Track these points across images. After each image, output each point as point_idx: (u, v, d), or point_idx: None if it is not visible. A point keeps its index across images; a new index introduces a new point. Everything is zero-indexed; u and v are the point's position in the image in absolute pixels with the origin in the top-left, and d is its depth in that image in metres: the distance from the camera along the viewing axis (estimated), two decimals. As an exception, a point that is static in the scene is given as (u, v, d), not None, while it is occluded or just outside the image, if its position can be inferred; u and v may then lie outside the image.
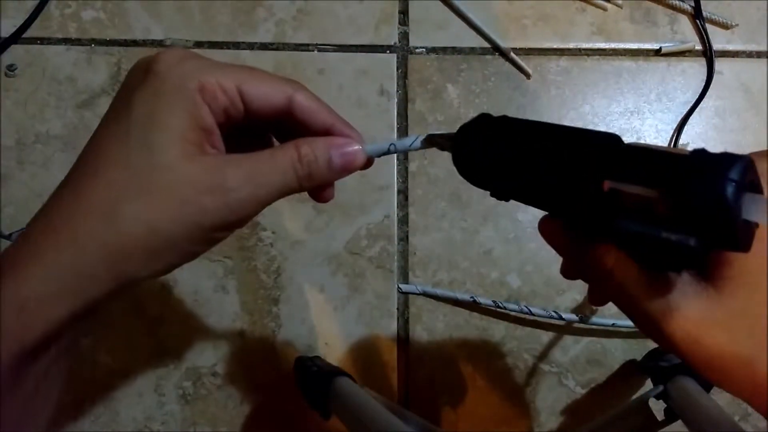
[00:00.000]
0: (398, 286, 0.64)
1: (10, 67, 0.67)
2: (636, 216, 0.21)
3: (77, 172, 0.27)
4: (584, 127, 0.24)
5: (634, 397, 0.64)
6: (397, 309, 0.65)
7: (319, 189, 0.32)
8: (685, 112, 0.68)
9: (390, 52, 0.68)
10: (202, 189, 0.25)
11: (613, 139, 0.23)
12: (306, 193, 0.31)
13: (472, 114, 0.67)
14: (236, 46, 0.69)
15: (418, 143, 0.30)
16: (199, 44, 0.69)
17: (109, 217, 0.25)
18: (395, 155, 0.66)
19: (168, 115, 0.25)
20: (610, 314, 0.64)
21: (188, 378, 0.64)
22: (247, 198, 0.26)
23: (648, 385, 0.64)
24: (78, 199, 0.26)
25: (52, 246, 0.25)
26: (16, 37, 0.68)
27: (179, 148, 0.25)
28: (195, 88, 0.25)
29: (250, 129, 0.29)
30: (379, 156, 0.31)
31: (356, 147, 0.29)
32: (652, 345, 0.65)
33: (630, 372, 0.65)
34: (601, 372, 0.65)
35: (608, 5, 0.69)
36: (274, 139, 0.33)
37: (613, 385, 0.65)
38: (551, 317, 0.64)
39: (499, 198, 0.27)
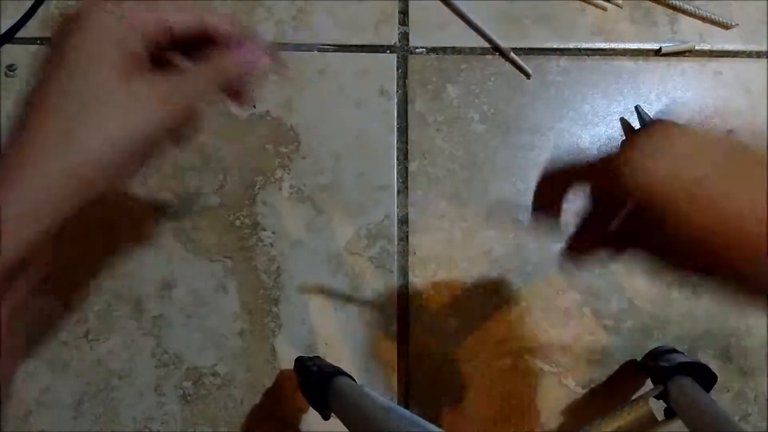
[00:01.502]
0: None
1: (11, 68, 0.67)
2: None
3: (29, 117, 0.32)
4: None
5: (634, 397, 0.64)
6: (398, 309, 0.65)
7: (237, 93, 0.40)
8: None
9: (390, 52, 0.68)
10: (143, 100, 0.30)
11: None
12: (306, 191, 0.38)
13: (472, 114, 0.68)
14: (236, 46, 0.69)
15: None
16: (199, 44, 0.69)
17: (67, 138, 0.29)
18: (396, 159, 0.66)
19: (99, 48, 0.30)
20: (610, 314, 0.64)
21: (188, 378, 0.64)
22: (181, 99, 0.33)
23: (648, 384, 0.64)
24: (35, 133, 0.30)
25: (19, 174, 0.29)
26: (10, 36, 0.67)
27: (117, 73, 0.30)
28: (123, 23, 0.31)
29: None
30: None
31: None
32: (651, 345, 0.65)
33: (630, 372, 0.65)
34: (602, 372, 0.65)
35: (608, 5, 0.69)
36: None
37: (612, 385, 0.65)
38: None
39: None
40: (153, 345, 0.64)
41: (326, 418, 0.55)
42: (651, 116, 0.66)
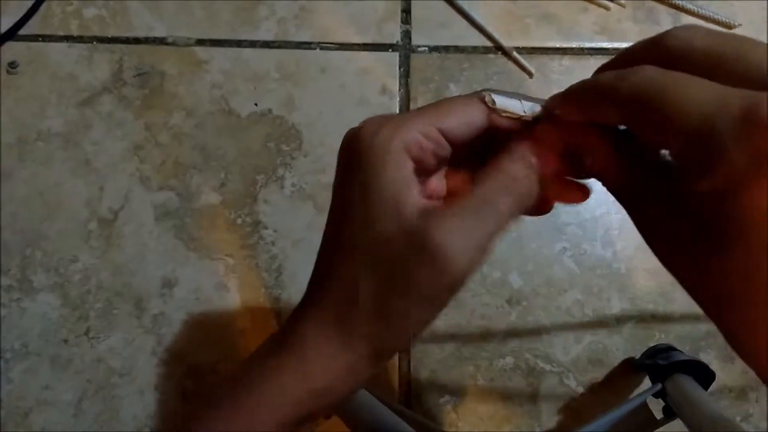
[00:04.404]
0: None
1: (12, 65, 0.67)
2: None
3: (321, 279, 0.26)
4: None
5: (633, 395, 0.64)
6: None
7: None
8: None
9: (392, 51, 0.68)
10: (428, 265, 0.23)
11: None
12: (308, 189, 0.30)
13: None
14: (238, 44, 0.68)
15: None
16: (200, 42, 0.69)
17: (380, 315, 0.24)
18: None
19: (387, 193, 0.24)
20: None
21: (189, 376, 0.64)
22: (469, 257, 0.24)
23: (646, 383, 0.64)
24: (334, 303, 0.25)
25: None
26: (12, 34, 0.67)
27: (400, 211, 0.24)
28: (400, 149, 0.24)
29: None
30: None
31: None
32: (652, 342, 0.65)
33: (628, 370, 0.65)
34: (603, 371, 0.65)
35: (611, 5, 0.69)
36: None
37: (611, 383, 0.65)
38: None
39: None
40: (154, 343, 0.64)
41: (327, 417, 0.55)
42: None
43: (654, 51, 0.20)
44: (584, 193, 0.26)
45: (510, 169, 0.24)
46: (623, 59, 0.22)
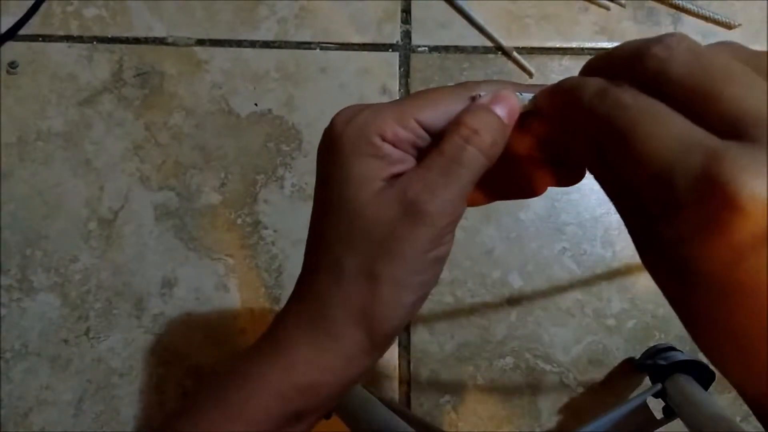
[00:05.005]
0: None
1: (12, 65, 0.67)
2: None
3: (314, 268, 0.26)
4: None
5: (633, 395, 0.64)
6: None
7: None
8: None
9: (392, 51, 0.68)
10: (404, 220, 0.23)
11: None
12: (308, 190, 0.29)
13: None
14: (238, 44, 0.68)
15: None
16: (200, 42, 0.69)
17: (369, 287, 0.24)
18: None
19: (358, 173, 0.24)
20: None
21: (189, 376, 0.64)
22: (443, 208, 0.24)
23: (647, 383, 0.64)
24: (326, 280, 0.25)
25: (343, 323, 0.24)
26: (12, 34, 0.67)
27: (375, 193, 0.24)
28: (374, 134, 0.24)
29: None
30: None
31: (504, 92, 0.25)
32: (652, 343, 0.65)
33: (628, 370, 0.65)
34: (603, 371, 0.65)
35: (611, 5, 0.69)
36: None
37: (611, 383, 0.65)
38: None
39: None
40: (154, 343, 0.64)
41: (327, 417, 0.55)
42: None
43: (636, 65, 0.19)
44: (576, 175, 0.26)
45: (470, 121, 0.24)
46: (609, 61, 0.21)
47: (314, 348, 0.24)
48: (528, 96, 0.24)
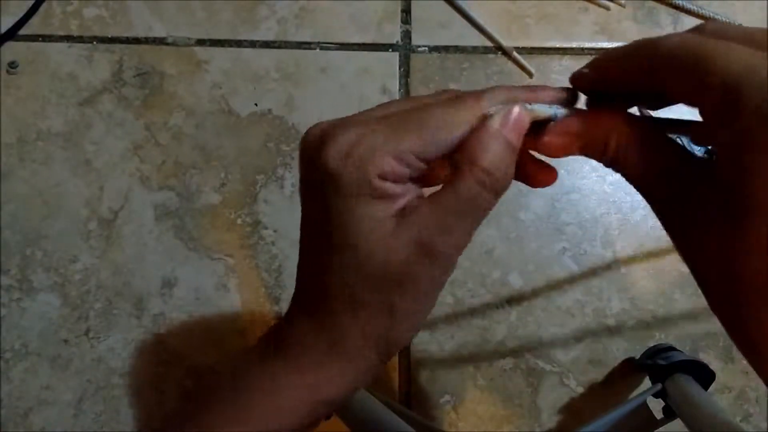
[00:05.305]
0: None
1: (12, 65, 0.67)
2: None
3: (302, 307, 0.28)
4: None
5: (633, 395, 0.64)
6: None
7: (526, 173, 0.27)
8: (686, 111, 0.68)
9: (392, 51, 0.68)
10: (420, 261, 0.24)
11: None
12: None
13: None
14: (238, 44, 0.68)
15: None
16: (200, 42, 0.69)
17: (387, 313, 0.25)
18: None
19: (364, 215, 0.24)
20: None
21: (189, 376, 0.64)
22: (457, 247, 0.25)
23: (646, 383, 0.64)
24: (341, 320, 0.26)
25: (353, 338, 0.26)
26: (12, 34, 0.67)
27: (381, 235, 0.24)
28: (376, 181, 0.24)
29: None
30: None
31: (508, 108, 0.24)
32: (652, 342, 0.65)
33: (628, 370, 0.65)
34: (603, 371, 0.65)
35: (611, 5, 0.69)
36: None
37: (611, 383, 0.65)
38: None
39: None
40: (154, 343, 0.64)
41: (327, 417, 0.55)
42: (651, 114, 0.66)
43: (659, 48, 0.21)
44: (550, 174, 0.27)
45: (483, 161, 0.24)
46: (620, 55, 0.22)
47: (336, 370, 0.26)
48: (538, 106, 0.24)
